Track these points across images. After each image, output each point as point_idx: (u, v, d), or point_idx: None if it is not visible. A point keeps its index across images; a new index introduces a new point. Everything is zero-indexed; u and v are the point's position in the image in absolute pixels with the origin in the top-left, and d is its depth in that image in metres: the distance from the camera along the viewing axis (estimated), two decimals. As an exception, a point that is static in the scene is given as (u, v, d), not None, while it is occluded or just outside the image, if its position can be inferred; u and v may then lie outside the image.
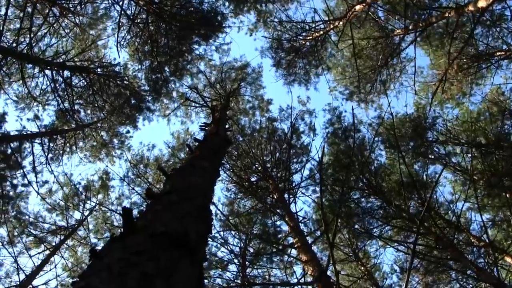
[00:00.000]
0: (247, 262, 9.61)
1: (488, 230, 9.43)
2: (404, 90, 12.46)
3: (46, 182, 11.47)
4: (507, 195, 8.30)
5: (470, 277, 7.87)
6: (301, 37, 10.63)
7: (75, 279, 1.55)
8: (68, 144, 11.45)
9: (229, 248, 9.14)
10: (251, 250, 10.44)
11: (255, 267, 9.89)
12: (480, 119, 10.51)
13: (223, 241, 9.48)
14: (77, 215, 12.07)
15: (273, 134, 10.94)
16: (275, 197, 8.87)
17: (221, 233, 9.94)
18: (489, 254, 7.93)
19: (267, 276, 10.07)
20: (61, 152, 11.09)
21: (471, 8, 7.17)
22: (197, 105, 11.67)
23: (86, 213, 11.93)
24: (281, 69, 11.75)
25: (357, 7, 8.80)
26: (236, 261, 9.38)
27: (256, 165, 10.25)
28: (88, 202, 12.01)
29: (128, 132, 12.90)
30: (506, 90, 10.74)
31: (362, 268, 9.93)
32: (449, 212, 9.30)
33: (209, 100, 11.09)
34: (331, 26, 9.77)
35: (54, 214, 11.73)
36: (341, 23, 9.48)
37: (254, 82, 12.78)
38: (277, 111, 12.60)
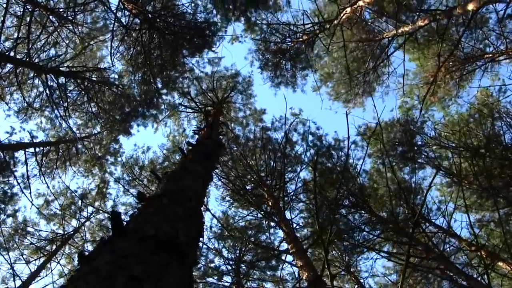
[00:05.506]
0: (241, 269, 9.57)
1: (479, 235, 9.47)
2: (391, 93, 12.52)
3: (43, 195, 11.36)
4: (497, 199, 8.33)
5: (462, 286, 7.86)
6: (289, 39, 10.42)
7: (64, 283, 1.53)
8: (62, 159, 11.14)
9: (224, 255, 9.12)
10: (246, 257, 10.39)
11: (250, 275, 9.83)
12: (470, 121, 10.61)
13: (218, 248, 9.46)
14: (74, 222, 11.91)
15: (268, 143, 10.89)
16: (270, 204, 8.87)
17: (217, 239, 9.93)
18: (480, 260, 7.92)
19: (261, 282, 10.02)
20: (55, 166, 10.84)
21: (459, 11, 7.24)
22: (190, 110, 11.60)
23: (83, 220, 11.79)
24: (267, 71, 11.58)
25: (348, 9, 8.86)
26: (230, 267, 9.36)
27: (251, 174, 10.23)
28: (85, 210, 11.83)
29: (120, 146, 12.83)
30: (494, 91, 10.73)
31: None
32: (440, 217, 9.28)
33: (202, 106, 11.03)
34: (322, 29, 9.72)
35: (51, 223, 11.60)
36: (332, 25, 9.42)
37: (245, 90, 12.67)
38: (270, 120, 12.46)
